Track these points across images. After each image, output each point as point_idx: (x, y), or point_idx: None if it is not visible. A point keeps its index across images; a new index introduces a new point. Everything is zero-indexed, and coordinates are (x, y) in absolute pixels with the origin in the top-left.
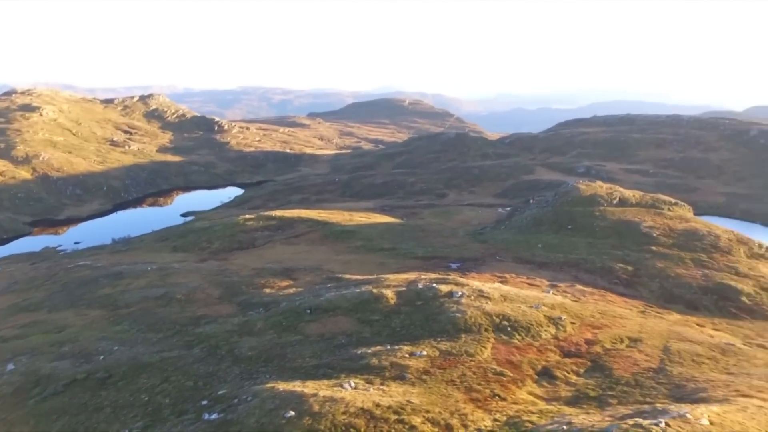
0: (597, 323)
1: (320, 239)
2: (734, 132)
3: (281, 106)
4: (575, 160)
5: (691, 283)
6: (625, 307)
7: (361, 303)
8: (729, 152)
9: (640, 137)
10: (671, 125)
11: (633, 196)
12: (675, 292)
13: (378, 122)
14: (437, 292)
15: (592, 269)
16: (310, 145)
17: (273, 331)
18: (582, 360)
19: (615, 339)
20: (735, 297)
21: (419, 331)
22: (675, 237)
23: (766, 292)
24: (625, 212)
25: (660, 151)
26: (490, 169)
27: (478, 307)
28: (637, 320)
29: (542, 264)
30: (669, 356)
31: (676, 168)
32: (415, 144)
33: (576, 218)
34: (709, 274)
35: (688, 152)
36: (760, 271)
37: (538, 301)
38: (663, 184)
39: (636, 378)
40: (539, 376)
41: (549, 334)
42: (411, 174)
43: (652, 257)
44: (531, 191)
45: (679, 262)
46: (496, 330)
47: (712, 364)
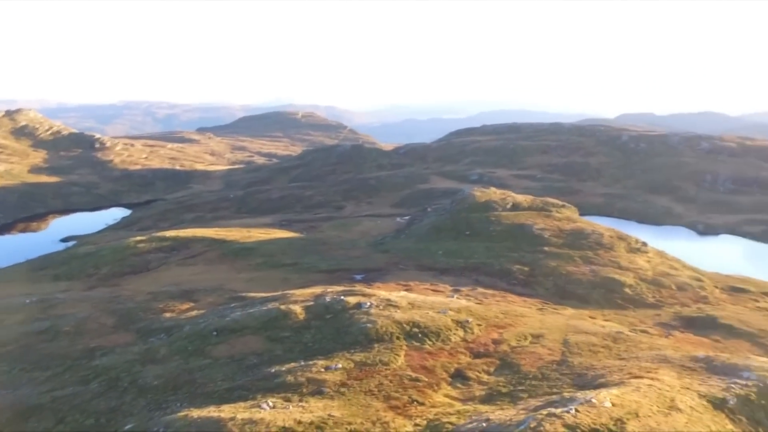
0: (501, 323)
1: (219, 258)
2: (609, 138)
3: (167, 121)
4: (468, 167)
5: (582, 279)
6: (524, 306)
7: (270, 321)
8: (605, 156)
9: (527, 144)
10: (554, 132)
11: (524, 200)
12: (568, 289)
13: (271, 136)
14: (346, 305)
15: (492, 272)
16: (201, 161)
17: (179, 356)
18: (491, 359)
19: (519, 337)
20: (619, 289)
21: (332, 345)
22: (564, 237)
23: (645, 282)
24: (518, 216)
25: (545, 157)
26: (387, 179)
27: (387, 316)
28: (537, 317)
29: (444, 270)
30: (569, 348)
31: (560, 172)
32: (311, 157)
33: (473, 224)
34: (596, 269)
35: (571, 157)
36: (638, 264)
37: (444, 307)
38: (549, 188)
39: (542, 371)
40: (453, 379)
41: (458, 338)
42: (308, 187)
43: (546, 257)
44: (427, 200)
45: (569, 261)
46: (407, 337)
47: (607, 352)
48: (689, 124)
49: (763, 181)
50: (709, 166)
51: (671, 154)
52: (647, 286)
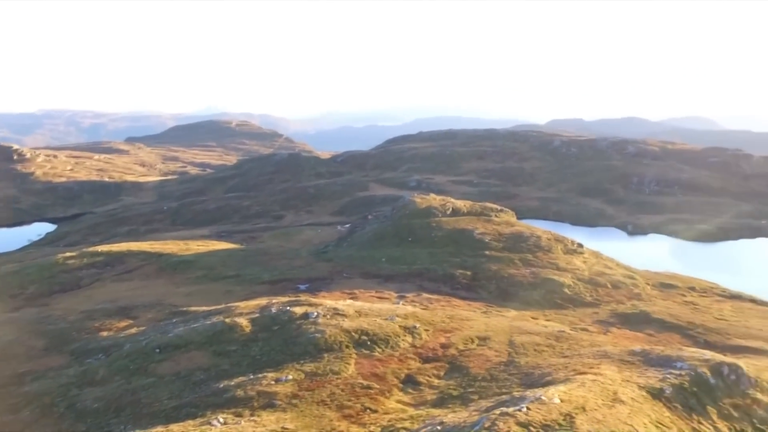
0: (448, 328)
1: (156, 272)
2: (541, 143)
3: (93, 131)
4: (406, 174)
5: (523, 281)
6: (469, 310)
7: (215, 335)
8: (539, 161)
9: (464, 150)
10: (489, 138)
11: (464, 205)
12: (510, 291)
13: (204, 145)
14: (292, 315)
15: (435, 277)
16: (132, 173)
17: (119, 376)
18: (440, 363)
19: (466, 340)
20: (559, 289)
21: (281, 356)
22: (504, 241)
23: (582, 282)
24: (458, 221)
25: (482, 163)
26: (326, 187)
27: (335, 325)
28: (482, 320)
29: (389, 277)
30: (515, 349)
31: (496, 177)
32: (247, 166)
33: (415, 230)
34: (536, 271)
35: (506, 163)
36: (575, 264)
37: (391, 313)
38: (487, 193)
39: (491, 373)
40: (404, 384)
41: (407, 343)
42: (245, 197)
43: (487, 261)
44: (367, 207)
45: (510, 264)
46: (356, 345)
47: (551, 351)
48: (615, 129)
49: (684, 183)
50: (636, 169)
51: (601, 158)
52: (585, 285)
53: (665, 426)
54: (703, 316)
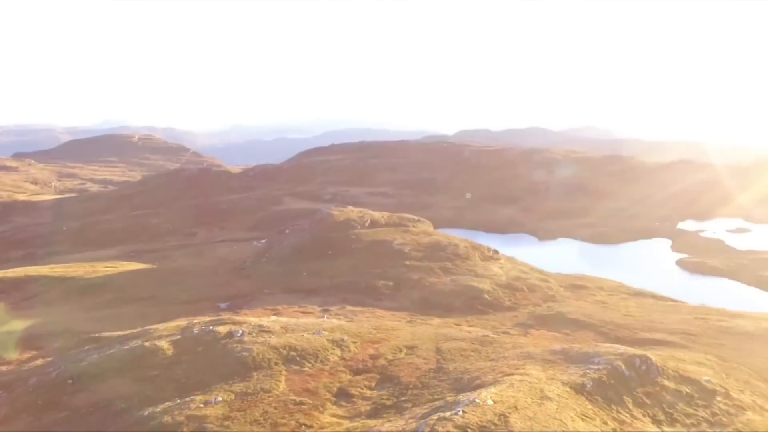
0: (375, 338)
1: (62, 297)
2: (453, 154)
3: None
4: (321, 187)
5: (444, 289)
6: (394, 320)
7: (134, 360)
8: (451, 171)
9: (377, 162)
10: (402, 150)
11: (382, 217)
12: (432, 299)
13: (105, 161)
14: (217, 335)
15: (358, 289)
16: (22, 191)
17: (26, 413)
18: (371, 374)
19: (394, 350)
20: (479, 295)
21: (208, 378)
22: (423, 250)
23: (501, 287)
24: (377, 233)
25: (395, 174)
26: (239, 202)
27: (263, 343)
28: (408, 329)
29: (311, 291)
30: (442, 356)
31: (410, 188)
32: (154, 182)
33: (335, 243)
34: (456, 279)
35: (419, 173)
36: (492, 270)
37: (318, 327)
38: (402, 204)
39: (421, 380)
40: (337, 398)
41: (336, 357)
42: (154, 215)
43: (408, 271)
44: (283, 221)
45: (431, 273)
46: (285, 362)
47: (477, 355)
48: (520, 138)
49: (587, 189)
50: (542, 176)
51: (510, 167)
52: (503, 290)
53: (589, 418)
54: (612, 314)
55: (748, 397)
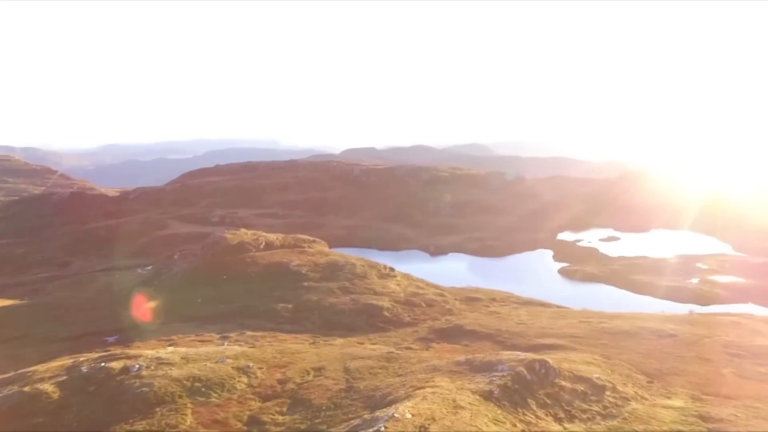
0: (281, 363)
1: None
2: (342, 172)
3: None
4: (208, 209)
5: (344, 308)
6: (297, 342)
7: (13, 409)
8: (341, 190)
9: (266, 183)
10: (290, 170)
11: (276, 238)
12: (333, 320)
13: None
14: (110, 371)
15: (257, 314)
16: None
17: None
18: (281, 399)
19: (302, 372)
20: (379, 313)
21: (105, 419)
22: (321, 271)
23: (399, 304)
24: (273, 255)
25: (285, 194)
26: (119, 228)
27: (163, 376)
28: (313, 351)
29: (208, 318)
30: (351, 375)
31: (301, 208)
32: (16, 208)
33: (229, 267)
34: (355, 298)
35: (309, 193)
36: (390, 288)
37: (221, 355)
38: (294, 224)
39: (333, 401)
40: (248, 426)
41: (243, 384)
42: (19, 244)
43: (307, 292)
44: (170, 246)
45: (330, 293)
46: (190, 394)
47: (385, 372)
48: (406, 156)
49: (474, 204)
50: (431, 193)
51: (399, 185)
52: (402, 307)
53: (501, 422)
54: (506, 323)
55: (631, 389)
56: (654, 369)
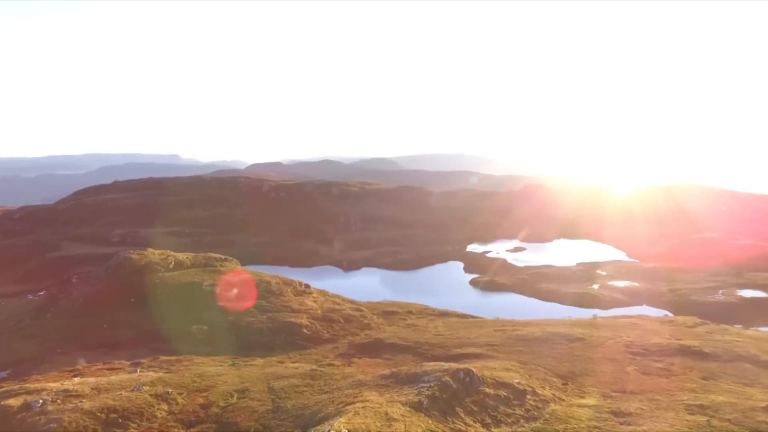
0: (201, 386)
1: None
2: (250, 188)
3: None
4: (107, 228)
5: (262, 327)
6: (216, 365)
7: None
8: (250, 207)
9: (171, 200)
10: (196, 186)
11: (186, 258)
12: (251, 339)
13: None
14: (9, 410)
15: (170, 337)
16: None
17: None
18: (207, 425)
19: (225, 395)
20: (298, 331)
21: None
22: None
23: (318, 321)
24: (184, 275)
25: (191, 212)
26: (4, 251)
27: (74, 409)
28: (233, 373)
29: (116, 344)
30: (277, 395)
31: (209, 226)
32: None
33: (137, 289)
34: (272, 316)
35: (216, 210)
36: (307, 305)
37: (136, 383)
38: (202, 243)
39: (261, 423)
40: None
41: (164, 412)
42: None
43: (222, 312)
44: (65, 269)
45: (245, 312)
46: (106, 426)
47: (311, 390)
48: (313, 171)
49: (385, 219)
50: (342, 209)
51: (309, 200)
52: (320, 323)
53: (434, 431)
54: (424, 335)
55: (549, 392)
56: (567, 371)
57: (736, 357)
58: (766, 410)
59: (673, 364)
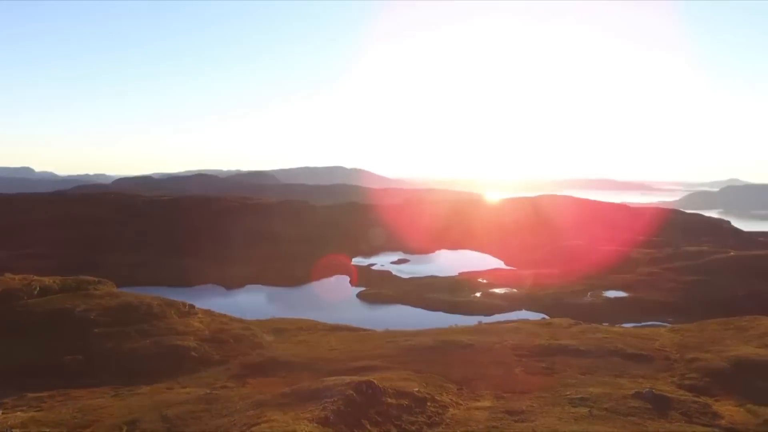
0: (84, 422)
1: None
2: (121, 205)
3: None
4: None
5: (146, 353)
6: (97, 397)
7: None
8: (121, 225)
9: (26, 218)
10: (58, 203)
11: (54, 282)
12: (135, 367)
13: None
14: None
15: (39, 371)
16: None
17: None
18: None
19: (113, 429)
20: (186, 354)
21: None
22: (113, 314)
23: (206, 342)
24: (52, 301)
25: (53, 231)
26: None
27: None
28: (119, 404)
29: None
30: (172, 423)
31: (75, 246)
32: None
33: None
34: (157, 340)
35: (83, 229)
36: (193, 326)
37: (3, 426)
38: (67, 265)
39: None
40: None
41: None
42: None
43: (100, 340)
44: None
45: (127, 338)
46: None
47: (209, 414)
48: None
49: (267, 234)
50: (222, 225)
51: (186, 217)
52: (209, 345)
53: None
54: (318, 350)
55: (446, 397)
56: (461, 376)
57: (606, 352)
58: (635, 397)
59: (554, 363)
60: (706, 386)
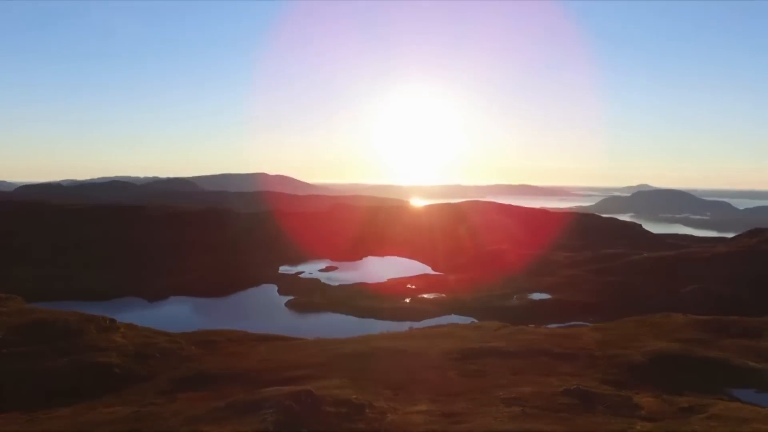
0: None
1: None
2: (28, 213)
3: None
4: None
5: (64, 372)
6: (7, 424)
7: None
8: (28, 235)
9: None
10: None
11: None
12: (52, 388)
13: None
14: None
15: None
16: None
17: None
18: None
19: None
20: (108, 371)
21: None
22: (24, 333)
23: (130, 358)
24: None
25: None
26: None
27: None
28: (34, 430)
29: None
30: None
31: None
32: None
33: None
34: (76, 358)
35: None
36: (116, 341)
37: None
38: None
39: None
40: None
41: None
42: None
43: (9, 361)
44: None
45: (41, 357)
46: None
47: None
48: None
49: (190, 243)
50: (141, 234)
51: (102, 226)
52: (134, 360)
53: None
54: (249, 362)
55: (384, 403)
56: (396, 382)
57: (535, 352)
58: (563, 394)
59: (486, 365)
60: (627, 380)
